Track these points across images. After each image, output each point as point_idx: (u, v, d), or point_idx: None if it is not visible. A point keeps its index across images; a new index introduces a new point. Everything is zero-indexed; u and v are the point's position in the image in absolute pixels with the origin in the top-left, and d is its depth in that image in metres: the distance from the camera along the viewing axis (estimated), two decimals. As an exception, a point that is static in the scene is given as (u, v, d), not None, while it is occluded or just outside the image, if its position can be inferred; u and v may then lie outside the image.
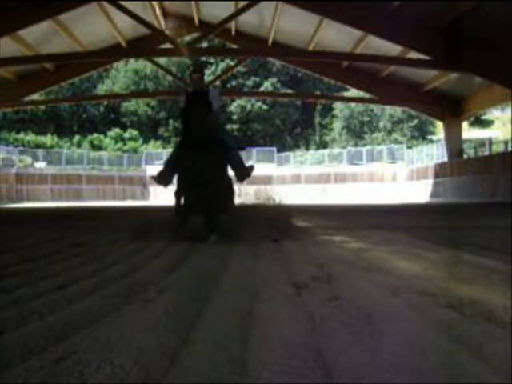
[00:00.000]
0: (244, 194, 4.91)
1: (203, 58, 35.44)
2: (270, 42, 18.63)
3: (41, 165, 30.30)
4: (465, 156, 20.81)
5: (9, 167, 27.64)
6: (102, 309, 1.63)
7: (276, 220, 4.40)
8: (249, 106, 40.26)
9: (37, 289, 1.98)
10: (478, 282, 2.01)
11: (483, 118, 33.96)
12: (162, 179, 4.29)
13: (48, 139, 36.03)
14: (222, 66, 39.06)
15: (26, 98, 20.28)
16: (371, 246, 3.45)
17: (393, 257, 2.86)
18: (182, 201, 4.23)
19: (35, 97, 21.36)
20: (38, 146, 33.80)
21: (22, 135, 34.90)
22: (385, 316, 1.47)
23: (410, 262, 2.63)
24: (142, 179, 32.04)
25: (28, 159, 30.14)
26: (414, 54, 14.64)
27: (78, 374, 1.05)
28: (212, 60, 39.57)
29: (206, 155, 3.92)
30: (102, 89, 40.77)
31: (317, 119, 41.72)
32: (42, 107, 34.62)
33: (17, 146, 31.58)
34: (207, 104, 4.14)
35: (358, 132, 38.06)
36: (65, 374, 1.05)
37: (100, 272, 2.41)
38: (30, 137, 35.05)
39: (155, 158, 33.27)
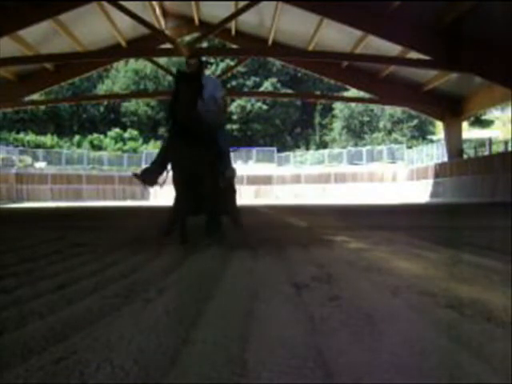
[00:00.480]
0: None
1: (203, 58, 35.41)
2: (270, 42, 18.64)
3: (41, 165, 30.32)
4: (465, 156, 20.81)
5: (9, 167, 27.65)
6: (102, 309, 1.63)
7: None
8: (249, 106, 40.27)
9: (37, 289, 1.98)
10: (478, 282, 2.01)
11: (483, 117, 33.98)
12: (149, 178, 3.87)
13: (48, 139, 36.05)
14: (222, 65, 39.08)
15: (26, 98, 20.29)
16: (371, 246, 3.45)
17: (393, 257, 2.86)
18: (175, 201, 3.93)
19: (35, 97, 21.37)
20: (38, 146, 33.83)
21: (21, 135, 34.92)
22: (385, 316, 1.47)
23: (410, 262, 2.63)
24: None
25: (28, 159, 30.16)
26: (414, 54, 14.65)
27: (78, 374, 1.05)
28: (212, 60, 39.58)
29: (204, 152, 3.63)
30: (102, 89, 40.79)
31: (317, 119, 41.74)
32: (42, 107, 34.64)
33: (17, 146, 31.60)
34: (199, 86, 3.55)
35: (358, 132, 38.07)
36: (65, 374, 1.05)
37: (100, 272, 2.41)
38: (30, 137, 35.07)
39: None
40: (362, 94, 22.93)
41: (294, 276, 2.21)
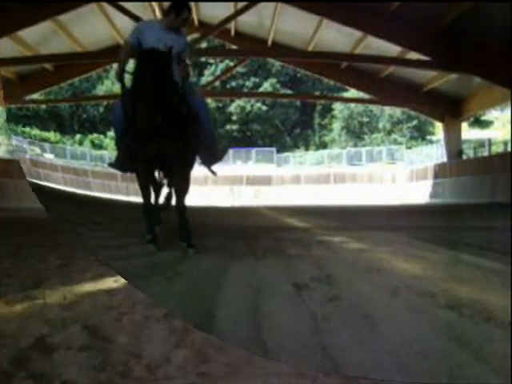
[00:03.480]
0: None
1: (203, 59, 35.42)
2: (269, 42, 18.63)
3: (50, 156, 31.12)
4: (464, 157, 20.79)
5: (23, 153, 28.32)
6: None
7: None
8: (248, 107, 40.23)
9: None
10: (477, 283, 2.01)
11: (483, 118, 33.92)
12: (121, 165, 3.20)
13: (52, 135, 36.43)
14: (221, 66, 39.05)
15: (26, 98, 20.27)
16: (371, 246, 3.45)
17: (392, 257, 2.86)
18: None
19: (35, 97, 21.35)
20: (43, 140, 34.34)
21: (28, 129, 35.39)
22: (384, 316, 1.47)
23: (410, 263, 2.63)
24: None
25: (37, 149, 30.99)
26: (413, 55, 14.63)
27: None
28: (211, 60, 39.58)
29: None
30: (101, 89, 40.75)
31: (316, 120, 41.67)
32: (43, 107, 34.84)
33: (25, 138, 32.31)
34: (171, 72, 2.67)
35: (357, 133, 38.00)
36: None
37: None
38: (35, 132, 35.50)
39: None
40: (361, 94, 22.89)
41: (294, 276, 2.21)
